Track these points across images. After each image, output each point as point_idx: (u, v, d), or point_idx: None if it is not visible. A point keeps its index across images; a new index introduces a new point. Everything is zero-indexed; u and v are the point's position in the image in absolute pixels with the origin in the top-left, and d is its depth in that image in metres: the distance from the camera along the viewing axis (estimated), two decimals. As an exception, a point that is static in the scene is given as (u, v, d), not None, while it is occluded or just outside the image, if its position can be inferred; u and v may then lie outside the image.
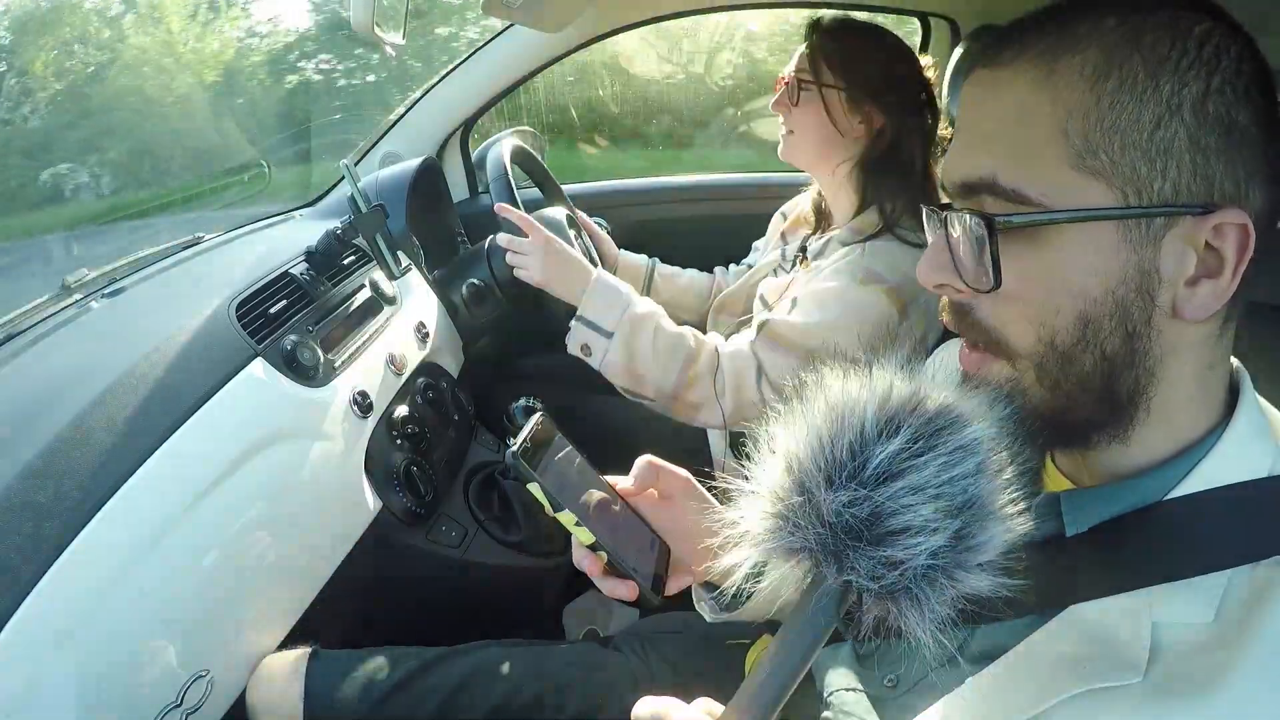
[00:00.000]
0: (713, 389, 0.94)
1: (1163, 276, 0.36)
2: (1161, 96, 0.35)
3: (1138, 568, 0.38)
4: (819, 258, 1.01)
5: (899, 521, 0.31)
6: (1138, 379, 0.38)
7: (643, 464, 0.56)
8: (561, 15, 1.01)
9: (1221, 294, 0.36)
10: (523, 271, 1.01)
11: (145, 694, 0.58)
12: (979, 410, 0.34)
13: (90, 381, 0.68)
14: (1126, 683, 0.34)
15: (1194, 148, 0.35)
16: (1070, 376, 0.39)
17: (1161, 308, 0.37)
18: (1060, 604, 0.39)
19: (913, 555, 0.31)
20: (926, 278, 0.42)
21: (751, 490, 0.36)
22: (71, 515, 0.57)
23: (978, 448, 0.32)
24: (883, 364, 0.35)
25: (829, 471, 0.33)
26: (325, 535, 0.79)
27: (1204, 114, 0.35)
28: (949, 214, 0.41)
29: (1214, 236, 0.36)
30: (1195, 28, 0.36)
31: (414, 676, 0.68)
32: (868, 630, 0.33)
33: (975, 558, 0.32)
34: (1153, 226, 0.36)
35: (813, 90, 0.96)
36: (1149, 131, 0.35)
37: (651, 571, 0.54)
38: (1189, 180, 0.35)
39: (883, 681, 0.49)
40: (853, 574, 0.32)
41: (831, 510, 0.32)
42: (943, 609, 0.32)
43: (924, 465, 0.32)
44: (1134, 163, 0.35)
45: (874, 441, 0.32)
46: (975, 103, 0.40)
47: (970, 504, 0.32)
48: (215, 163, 2.11)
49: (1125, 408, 0.39)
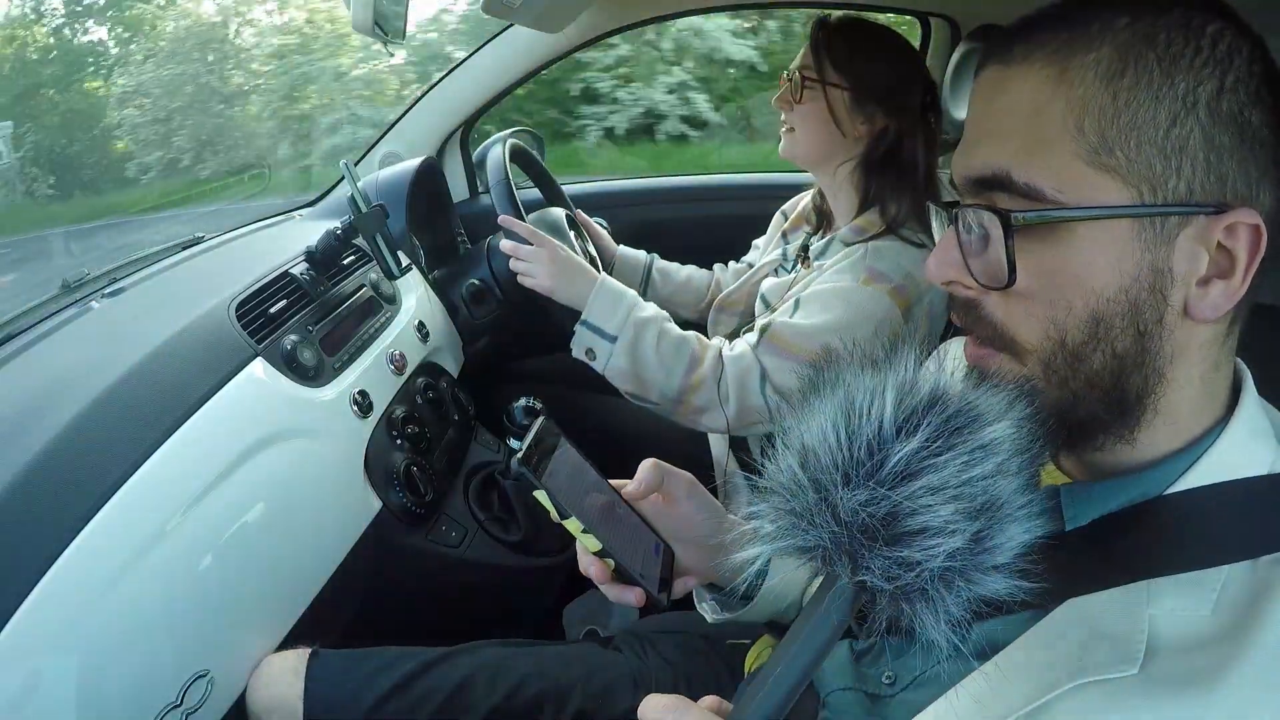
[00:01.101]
0: (716, 394, 0.94)
1: (1175, 276, 0.36)
2: (1177, 94, 0.35)
3: (1136, 562, 0.38)
4: (821, 258, 1.01)
5: (917, 522, 0.31)
6: (1146, 379, 0.38)
7: (647, 467, 0.56)
8: (561, 15, 1.01)
9: (1233, 294, 0.36)
10: (528, 279, 1.01)
11: (145, 694, 0.58)
12: (999, 409, 0.33)
13: (90, 382, 0.68)
14: (1123, 675, 0.34)
15: (1208, 146, 0.35)
16: (1079, 375, 0.38)
17: (1173, 307, 0.37)
18: (1059, 598, 0.39)
19: (930, 557, 0.31)
20: (936, 274, 0.42)
21: (765, 486, 0.35)
22: (72, 515, 0.57)
23: (998, 448, 0.32)
24: (901, 360, 0.34)
25: (846, 469, 0.32)
26: (325, 535, 0.79)
27: (1218, 112, 0.35)
28: (961, 210, 0.40)
29: (1226, 236, 0.36)
30: (1208, 27, 0.36)
31: (414, 676, 0.68)
32: (880, 630, 0.33)
33: (992, 559, 0.31)
34: (1167, 225, 0.36)
35: (816, 88, 0.96)
36: (1165, 129, 0.35)
37: (657, 576, 0.54)
38: (1203, 179, 0.35)
39: (881, 679, 0.48)
40: (867, 574, 0.32)
41: (848, 509, 0.32)
42: (957, 610, 0.31)
43: (943, 465, 0.31)
44: (1150, 160, 0.35)
45: (892, 439, 0.32)
46: (986, 99, 0.40)
47: (990, 505, 0.31)
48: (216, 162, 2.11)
49: (1133, 408, 0.39)
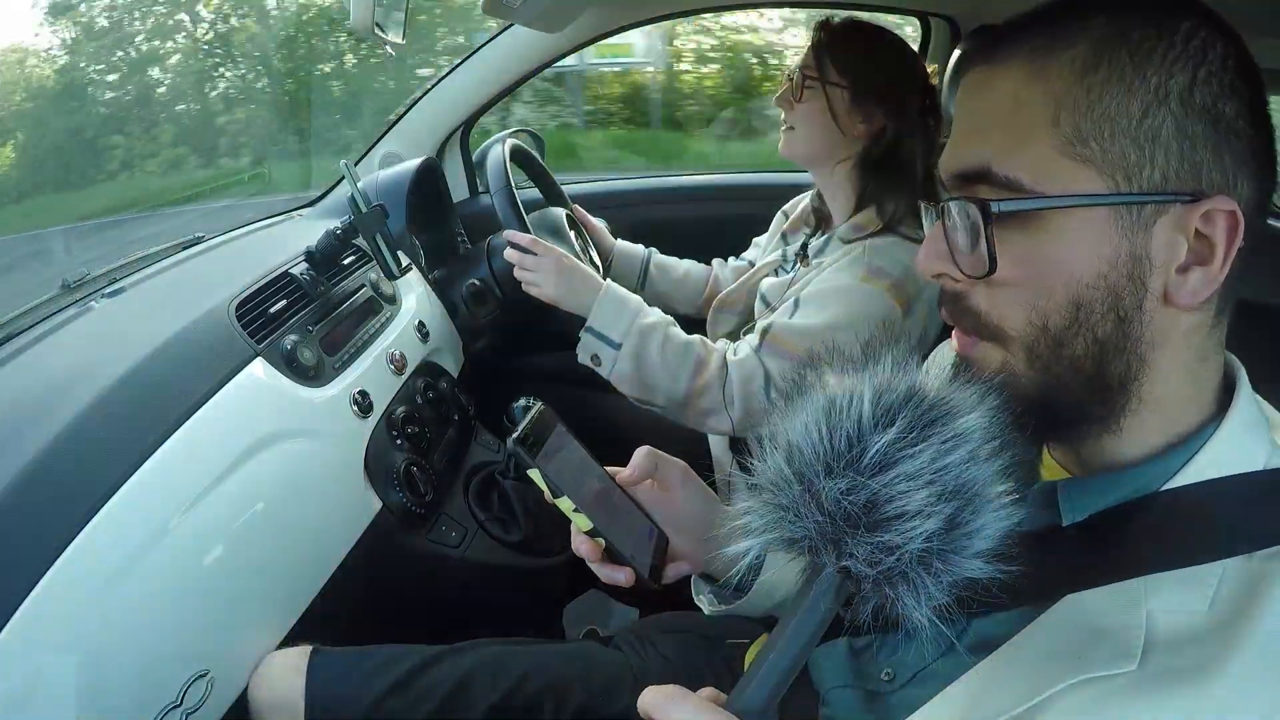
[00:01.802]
0: (721, 397, 0.94)
1: (1154, 263, 0.37)
2: (1149, 86, 0.36)
3: (1133, 557, 0.38)
4: (819, 256, 1.01)
5: (894, 508, 0.33)
6: (1129, 364, 0.39)
7: (642, 454, 0.58)
8: (561, 15, 1.01)
9: (1212, 280, 0.37)
10: (533, 288, 1.01)
11: (146, 693, 0.58)
12: (972, 401, 0.35)
13: (90, 382, 0.68)
14: (1121, 671, 0.35)
15: (1181, 135, 0.36)
16: (1061, 359, 0.39)
17: (1153, 293, 0.38)
18: (1056, 594, 0.39)
19: (908, 540, 0.32)
20: (925, 266, 0.44)
21: (754, 483, 0.37)
22: (72, 515, 0.57)
23: (970, 436, 0.34)
24: (880, 359, 0.37)
25: (828, 460, 0.34)
26: (325, 535, 0.79)
27: (1191, 104, 0.36)
28: (946, 203, 0.42)
29: (1204, 224, 0.37)
30: (1182, 24, 0.37)
31: (414, 675, 0.68)
32: (867, 619, 0.34)
33: (969, 543, 0.33)
34: (1143, 213, 0.37)
35: (817, 87, 0.97)
36: (1137, 119, 0.36)
37: (649, 560, 0.55)
38: (1177, 168, 0.36)
39: (879, 676, 0.49)
40: (851, 560, 0.33)
41: (830, 498, 0.33)
42: (940, 594, 0.33)
43: (918, 454, 0.33)
44: (1124, 150, 0.37)
45: (871, 431, 0.34)
46: (971, 97, 0.42)
47: (962, 490, 0.33)
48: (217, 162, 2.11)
49: (1115, 395, 0.40)
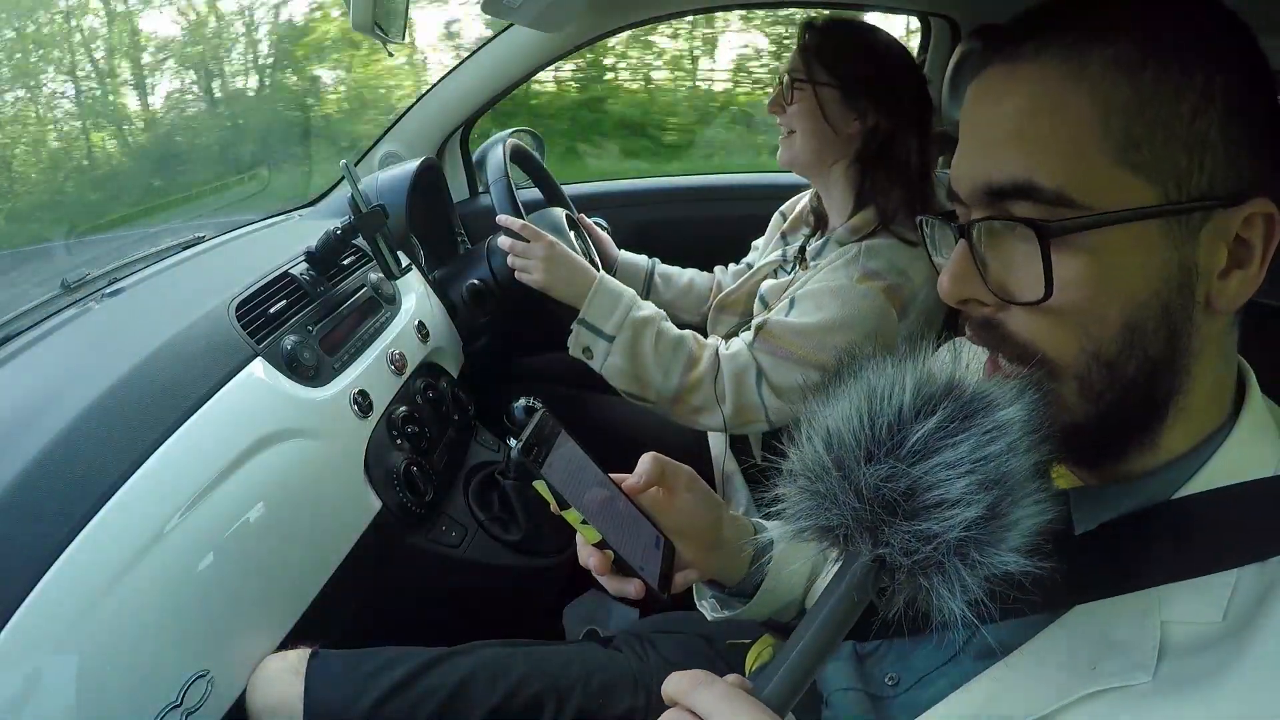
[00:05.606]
0: (713, 392, 0.94)
1: (1200, 271, 0.36)
2: (1195, 86, 0.34)
3: (1146, 567, 0.37)
4: (817, 258, 1.01)
5: (934, 496, 0.32)
6: (1176, 378, 0.38)
7: (647, 460, 0.56)
8: (561, 15, 1.01)
9: (1251, 283, 0.36)
10: (525, 275, 1.01)
11: (145, 694, 0.58)
12: (1010, 395, 0.35)
13: (90, 382, 0.68)
14: (1136, 683, 0.34)
15: (1225, 138, 0.35)
16: (1115, 386, 0.37)
17: (1199, 303, 0.37)
18: (1067, 603, 0.39)
19: (948, 528, 0.32)
20: (951, 292, 0.40)
21: (790, 470, 0.36)
22: (71, 516, 0.57)
23: (1010, 428, 0.33)
24: (919, 354, 0.36)
25: (869, 447, 0.34)
26: (325, 535, 0.79)
27: (1232, 104, 0.35)
28: (977, 223, 0.38)
29: (1244, 227, 0.36)
30: (1214, 20, 0.36)
31: (414, 676, 0.68)
32: (899, 612, 0.34)
33: (1006, 536, 0.33)
34: (1191, 221, 0.35)
35: (806, 89, 0.96)
36: (1188, 122, 0.35)
37: (658, 569, 0.54)
38: (1223, 172, 0.35)
39: (884, 680, 0.48)
40: (886, 549, 0.33)
41: (869, 485, 0.33)
42: (975, 585, 0.32)
43: (959, 443, 0.33)
44: (1175, 155, 0.35)
45: (912, 420, 0.33)
46: (993, 100, 0.38)
47: (1003, 480, 0.32)
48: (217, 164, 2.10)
49: (1160, 410, 0.38)
